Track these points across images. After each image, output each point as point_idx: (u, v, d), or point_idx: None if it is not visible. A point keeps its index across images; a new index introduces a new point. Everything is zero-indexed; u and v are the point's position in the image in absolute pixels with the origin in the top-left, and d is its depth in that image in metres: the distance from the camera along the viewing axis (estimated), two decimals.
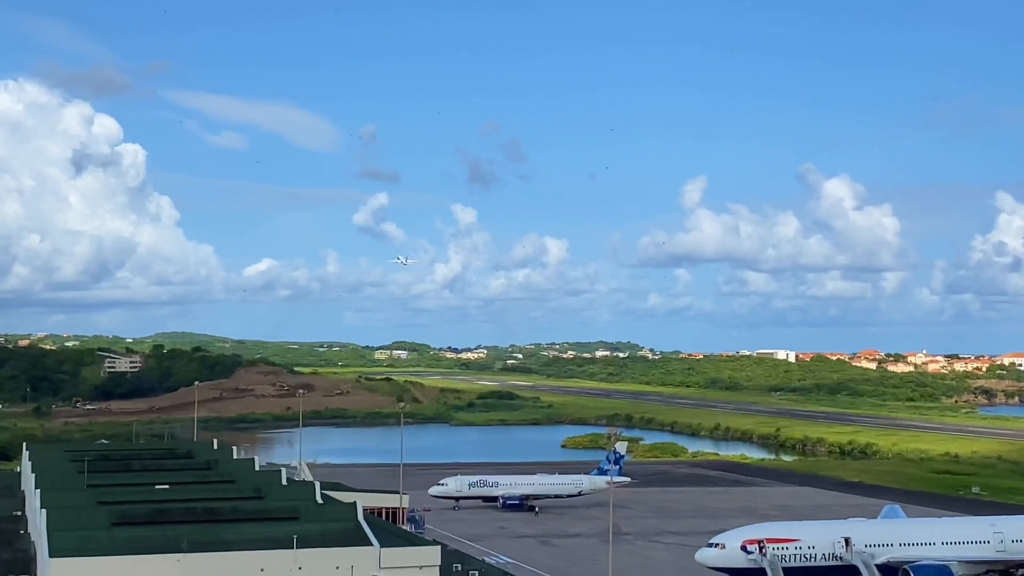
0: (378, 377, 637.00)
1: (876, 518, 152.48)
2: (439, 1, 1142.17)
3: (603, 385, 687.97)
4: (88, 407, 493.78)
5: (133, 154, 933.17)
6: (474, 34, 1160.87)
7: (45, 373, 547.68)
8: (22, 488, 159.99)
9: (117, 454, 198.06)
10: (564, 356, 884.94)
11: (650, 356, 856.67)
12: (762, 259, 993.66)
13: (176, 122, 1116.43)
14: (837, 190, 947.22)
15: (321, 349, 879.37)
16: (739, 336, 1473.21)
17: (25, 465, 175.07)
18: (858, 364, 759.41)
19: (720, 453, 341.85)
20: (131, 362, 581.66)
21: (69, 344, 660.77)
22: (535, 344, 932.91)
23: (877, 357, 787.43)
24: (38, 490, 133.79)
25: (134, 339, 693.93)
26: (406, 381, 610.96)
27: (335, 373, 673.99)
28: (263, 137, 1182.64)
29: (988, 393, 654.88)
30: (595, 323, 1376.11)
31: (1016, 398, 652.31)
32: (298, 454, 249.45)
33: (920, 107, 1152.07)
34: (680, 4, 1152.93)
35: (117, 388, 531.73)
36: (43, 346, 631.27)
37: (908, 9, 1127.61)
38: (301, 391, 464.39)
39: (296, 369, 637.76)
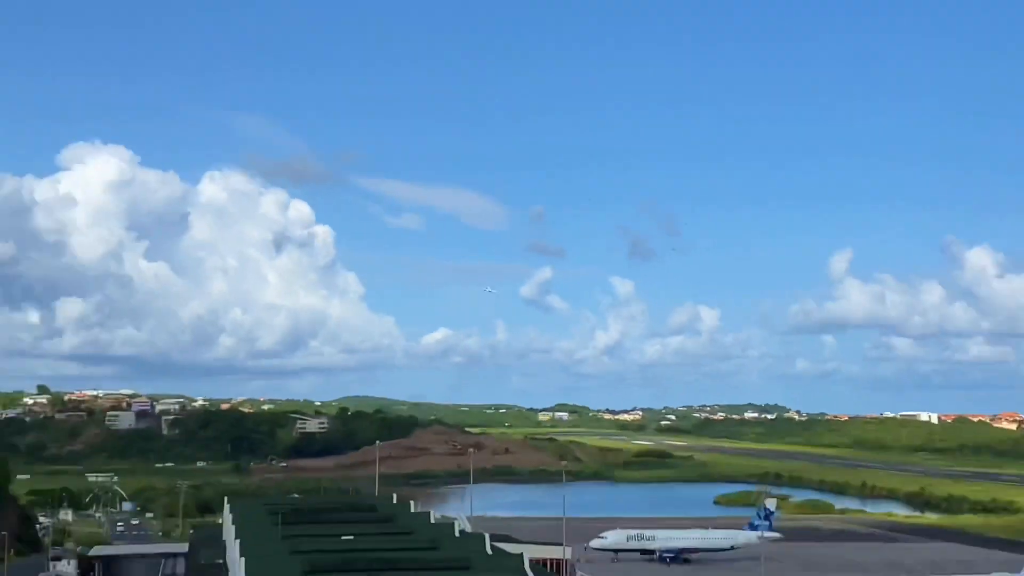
0: (542, 437, 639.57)
1: (1020, 574, 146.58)
2: (600, 97, 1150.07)
3: (753, 445, 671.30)
4: (282, 464, 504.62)
5: (324, 235, 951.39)
6: (632, 117, 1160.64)
7: (244, 434, 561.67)
8: (223, 538, 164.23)
9: (308, 507, 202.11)
10: (715, 418, 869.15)
11: (797, 418, 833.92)
12: (908, 325, 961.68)
13: (362, 205, 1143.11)
14: (979, 259, 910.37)
15: (490, 411, 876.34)
16: (884, 399, 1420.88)
17: (226, 517, 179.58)
18: (999, 425, 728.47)
19: (867, 510, 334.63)
20: (320, 423, 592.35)
21: (265, 408, 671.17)
22: (688, 406, 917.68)
23: (1017, 419, 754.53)
24: (238, 540, 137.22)
25: (322, 402, 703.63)
26: (568, 441, 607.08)
27: (503, 433, 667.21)
28: (439, 218, 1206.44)
29: None
30: (745, 386, 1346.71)
31: None
32: (468, 508, 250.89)
33: None
34: (818, 83, 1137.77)
35: (307, 447, 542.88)
36: (243, 409, 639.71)
37: None
38: (471, 450, 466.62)
39: (467, 429, 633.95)
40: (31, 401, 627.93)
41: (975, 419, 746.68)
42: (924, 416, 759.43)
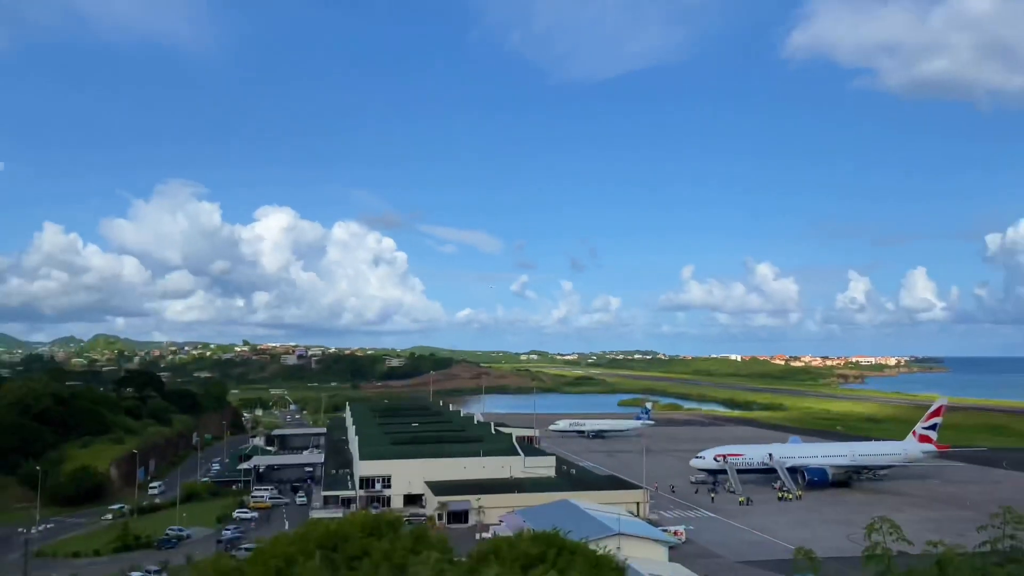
0: (522, 369, 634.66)
1: (786, 443, 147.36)
2: (556, 184, 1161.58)
3: (638, 372, 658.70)
4: (378, 384, 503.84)
5: (401, 258, 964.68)
6: (573, 194, 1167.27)
7: (358, 367, 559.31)
8: (346, 425, 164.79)
9: (393, 407, 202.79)
10: (618, 358, 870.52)
11: (664, 358, 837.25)
12: (724, 307, 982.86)
13: (422, 240, 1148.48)
14: (764, 270, 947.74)
15: (493, 355, 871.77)
16: (711, 347, 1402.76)
17: (348, 413, 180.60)
18: (774, 362, 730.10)
19: (702, 408, 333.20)
20: (399, 361, 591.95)
21: (369, 352, 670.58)
22: (603, 351, 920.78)
23: (785, 358, 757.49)
24: (354, 425, 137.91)
25: (401, 349, 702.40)
26: (537, 371, 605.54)
27: (500, 367, 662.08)
28: (465, 247, 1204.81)
29: (845, 377, 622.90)
30: (634, 340, 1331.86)
31: (859, 380, 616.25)
32: (482, 408, 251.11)
33: (807, 224, 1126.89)
34: (688, 168, 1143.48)
35: (392, 375, 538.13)
36: (357, 354, 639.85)
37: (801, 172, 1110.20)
38: (483, 376, 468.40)
39: (481, 365, 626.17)
40: (239, 349, 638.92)
41: (761, 358, 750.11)
42: (733, 356, 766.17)
